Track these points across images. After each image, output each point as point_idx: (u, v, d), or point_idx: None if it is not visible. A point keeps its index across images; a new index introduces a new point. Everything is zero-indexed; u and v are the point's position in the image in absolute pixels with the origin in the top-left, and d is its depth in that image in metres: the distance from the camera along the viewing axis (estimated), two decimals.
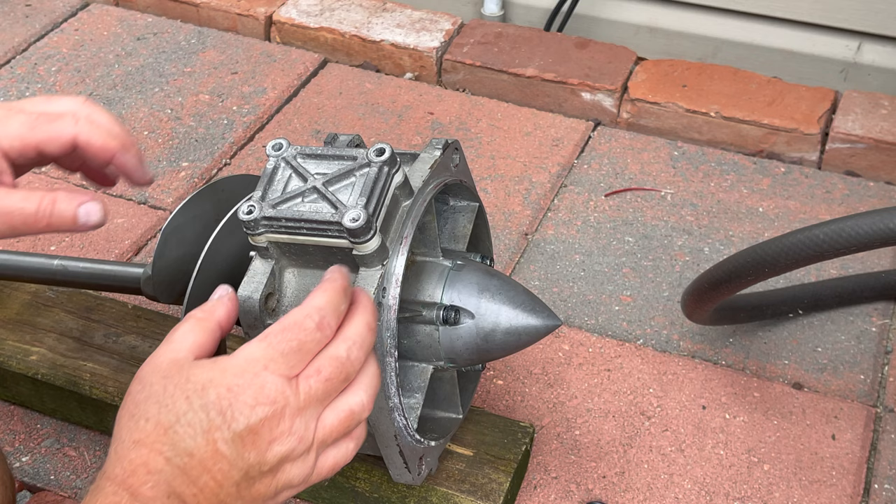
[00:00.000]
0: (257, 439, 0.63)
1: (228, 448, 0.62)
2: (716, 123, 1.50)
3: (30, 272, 1.07)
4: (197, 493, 0.62)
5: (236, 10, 1.75)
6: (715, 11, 1.65)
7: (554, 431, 1.10)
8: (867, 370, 1.16)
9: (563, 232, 1.36)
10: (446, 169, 0.89)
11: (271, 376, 0.64)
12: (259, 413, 0.63)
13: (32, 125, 0.74)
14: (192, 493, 0.62)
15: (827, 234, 0.87)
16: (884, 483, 1.05)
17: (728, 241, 1.34)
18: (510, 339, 0.87)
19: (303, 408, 0.65)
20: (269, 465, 0.64)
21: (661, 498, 1.03)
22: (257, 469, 0.64)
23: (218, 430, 0.62)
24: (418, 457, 0.89)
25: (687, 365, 1.17)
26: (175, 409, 0.63)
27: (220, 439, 0.62)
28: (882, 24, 1.55)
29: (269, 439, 0.63)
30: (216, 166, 1.48)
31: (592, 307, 1.25)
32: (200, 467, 0.62)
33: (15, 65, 1.69)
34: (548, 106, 1.59)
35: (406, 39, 1.66)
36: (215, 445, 0.62)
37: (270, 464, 0.64)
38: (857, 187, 1.42)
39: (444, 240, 0.96)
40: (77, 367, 1.08)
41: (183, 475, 0.62)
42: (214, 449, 0.62)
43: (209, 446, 0.62)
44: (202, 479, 0.62)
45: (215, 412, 0.62)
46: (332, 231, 0.76)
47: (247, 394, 0.63)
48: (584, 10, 1.72)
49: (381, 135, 1.52)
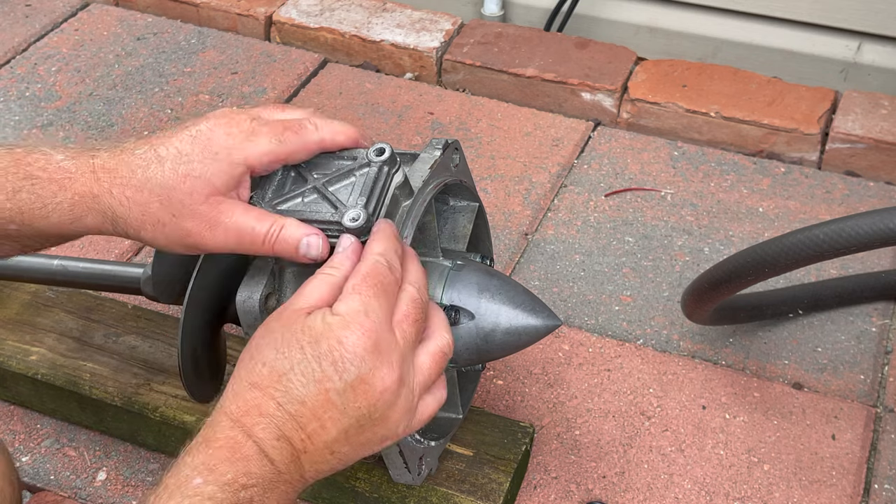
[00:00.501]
0: (368, 389, 0.66)
1: (339, 398, 0.66)
2: (716, 123, 1.50)
3: (30, 272, 1.07)
4: (305, 439, 0.66)
5: (236, 10, 1.75)
6: (715, 11, 1.65)
7: (554, 431, 1.10)
8: (867, 370, 1.16)
9: (563, 232, 1.36)
10: (446, 169, 0.89)
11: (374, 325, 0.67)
12: (368, 362, 0.66)
13: (281, 139, 0.76)
14: (300, 437, 0.66)
15: (827, 234, 0.87)
16: (884, 483, 1.05)
17: (728, 241, 1.34)
18: (510, 339, 0.87)
19: (404, 353, 0.68)
20: (379, 412, 0.67)
21: (661, 498, 1.03)
22: (368, 417, 0.67)
23: (329, 381, 0.66)
24: (418, 457, 0.89)
25: (687, 365, 1.17)
26: (290, 357, 0.66)
27: (331, 389, 0.65)
28: (882, 24, 1.55)
29: (380, 389, 0.66)
30: None
31: (592, 307, 1.25)
32: (310, 415, 0.65)
33: (15, 65, 1.69)
34: (548, 106, 1.59)
35: (406, 39, 1.66)
36: (327, 395, 0.65)
37: (381, 411, 0.67)
38: (857, 187, 1.42)
39: (444, 240, 0.96)
40: (77, 367, 1.08)
41: (293, 421, 0.65)
42: (326, 398, 0.65)
43: (320, 396, 0.65)
44: (311, 425, 0.66)
45: (328, 363, 0.66)
46: (333, 230, 0.76)
47: (357, 346, 0.66)
48: (584, 10, 1.72)
49: (381, 135, 1.52)
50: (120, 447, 1.10)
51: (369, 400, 0.66)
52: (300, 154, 0.78)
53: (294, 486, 0.67)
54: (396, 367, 0.67)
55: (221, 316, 0.89)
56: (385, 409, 0.67)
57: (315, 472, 0.68)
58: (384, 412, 0.67)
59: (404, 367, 0.68)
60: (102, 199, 0.73)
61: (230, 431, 0.65)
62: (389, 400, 0.67)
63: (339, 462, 0.69)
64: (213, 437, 0.65)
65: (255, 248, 0.75)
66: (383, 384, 0.67)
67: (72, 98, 1.61)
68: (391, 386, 0.67)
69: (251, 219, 0.74)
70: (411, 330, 0.70)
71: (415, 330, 0.70)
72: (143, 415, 1.04)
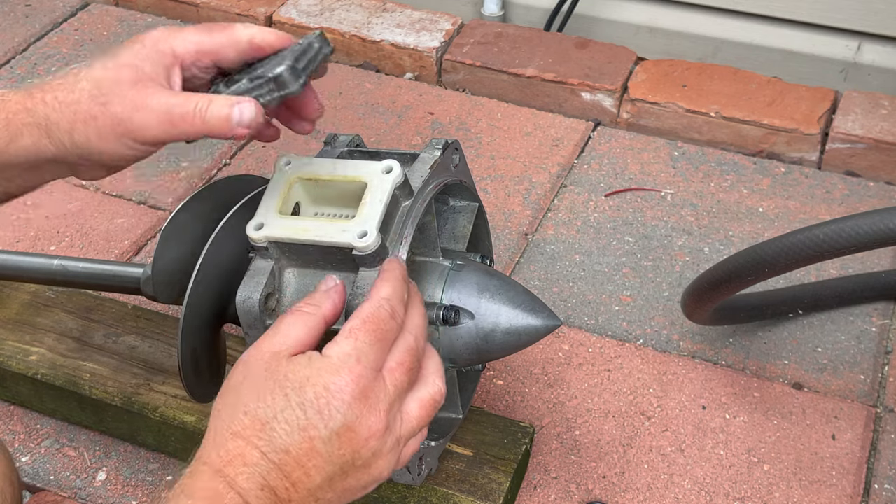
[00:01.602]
0: (354, 437, 0.65)
1: (324, 446, 0.64)
2: (716, 123, 1.50)
3: (30, 272, 1.07)
4: (289, 487, 0.64)
5: (236, 10, 1.75)
6: (715, 11, 1.65)
7: (554, 431, 1.10)
8: (867, 370, 1.16)
9: (563, 232, 1.36)
10: (446, 169, 0.89)
11: (365, 372, 0.66)
12: (355, 411, 0.65)
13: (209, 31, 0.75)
14: (284, 486, 0.64)
15: (827, 234, 0.87)
16: (884, 483, 1.05)
17: (728, 241, 1.34)
18: (510, 340, 0.87)
19: (392, 402, 0.67)
20: (362, 460, 0.66)
21: (661, 498, 1.03)
22: (351, 465, 0.66)
23: (315, 429, 0.64)
24: (418, 457, 0.89)
25: (687, 365, 1.17)
26: (273, 405, 0.65)
27: (316, 437, 0.64)
28: (882, 24, 1.55)
29: (365, 436, 0.65)
30: (216, 166, 1.48)
31: (592, 307, 1.25)
32: (295, 463, 0.64)
33: (15, 65, 1.69)
34: (548, 106, 1.59)
35: (406, 39, 1.66)
36: (312, 443, 0.64)
37: (364, 459, 0.66)
38: (857, 187, 1.42)
39: (444, 240, 0.96)
40: (77, 367, 1.08)
41: (277, 470, 0.64)
42: (311, 447, 0.64)
43: (305, 444, 0.64)
44: (295, 474, 0.64)
45: (313, 411, 0.64)
46: (267, 93, 0.75)
47: (344, 392, 0.65)
48: (584, 10, 1.72)
49: (381, 135, 1.52)
50: (120, 447, 1.10)
51: (354, 447, 0.65)
52: (228, 50, 0.76)
53: None
54: (384, 415, 0.66)
55: (221, 316, 0.89)
56: (369, 456, 0.66)
57: None
58: (368, 459, 0.66)
59: (391, 414, 0.67)
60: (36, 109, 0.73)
61: (211, 482, 0.63)
62: (375, 447, 0.66)
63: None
64: (194, 488, 0.63)
65: (186, 127, 0.72)
66: (369, 432, 0.65)
67: None
68: (377, 433, 0.66)
69: (179, 98, 0.72)
70: (403, 378, 0.68)
71: (407, 379, 0.68)
72: (142, 415, 1.04)
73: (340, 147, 0.90)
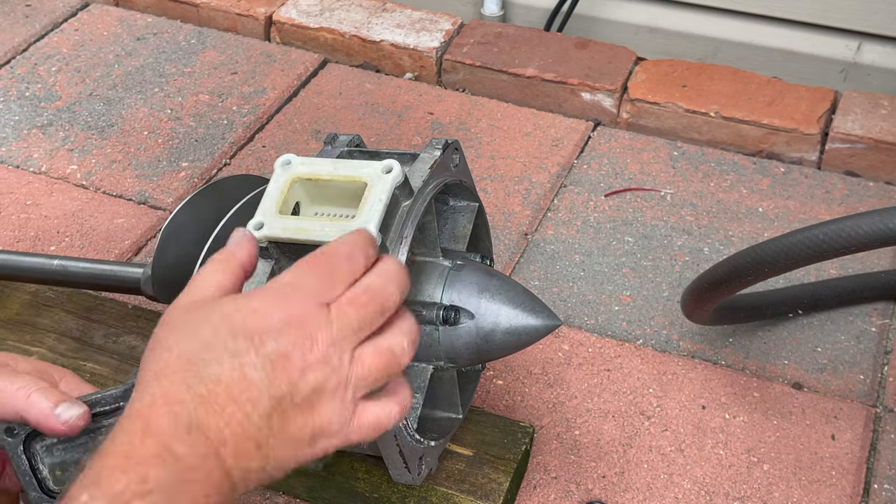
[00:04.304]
0: (288, 364, 0.58)
1: (257, 373, 0.57)
2: (716, 123, 1.50)
3: (30, 272, 1.07)
4: (223, 427, 0.56)
5: (236, 10, 1.75)
6: (715, 11, 1.65)
7: (554, 431, 1.10)
8: (867, 370, 1.16)
9: (563, 232, 1.36)
10: (446, 169, 0.89)
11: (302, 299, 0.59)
12: (289, 336, 0.58)
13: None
14: (215, 425, 0.56)
15: (827, 234, 0.87)
16: (883, 483, 1.05)
17: (728, 241, 1.34)
18: (510, 339, 0.87)
19: (336, 336, 0.59)
20: (301, 395, 0.58)
21: (660, 498, 1.03)
22: (289, 399, 0.58)
23: (246, 355, 0.57)
24: (418, 457, 0.89)
25: (687, 365, 1.17)
26: (199, 336, 0.58)
27: (247, 363, 0.57)
28: (882, 24, 1.55)
29: (300, 366, 0.58)
30: (216, 166, 1.48)
31: (592, 307, 1.25)
32: (226, 395, 0.57)
33: (15, 65, 1.69)
34: (548, 106, 1.59)
35: (406, 39, 1.66)
36: (242, 370, 0.57)
37: (303, 394, 0.58)
38: (857, 187, 1.42)
39: (444, 240, 0.96)
40: (77, 368, 1.08)
41: (206, 404, 0.56)
42: (242, 374, 0.57)
43: (235, 372, 0.57)
44: (228, 409, 0.56)
45: (242, 336, 0.58)
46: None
47: (275, 316, 0.58)
48: (584, 10, 1.72)
49: (381, 135, 1.52)
50: None
51: (290, 377, 0.58)
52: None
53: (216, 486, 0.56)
54: (323, 346, 0.58)
55: None
56: (309, 392, 0.58)
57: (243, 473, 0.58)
58: (309, 396, 0.58)
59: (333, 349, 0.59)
60: None
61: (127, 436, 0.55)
62: (314, 382, 0.58)
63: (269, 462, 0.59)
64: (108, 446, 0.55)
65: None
66: (304, 361, 0.58)
67: (72, 98, 1.61)
68: (314, 364, 0.58)
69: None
70: (353, 314, 0.60)
71: (358, 315, 0.60)
72: None
73: (340, 147, 0.90)
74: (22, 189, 1.44)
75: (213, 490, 0.56)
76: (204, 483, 0.55)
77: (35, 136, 1.54)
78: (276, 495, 1.03)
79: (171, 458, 0.54)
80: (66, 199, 1.42)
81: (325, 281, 0.61)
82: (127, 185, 1.45)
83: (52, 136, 1.54)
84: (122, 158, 1.49)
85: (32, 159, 1.49)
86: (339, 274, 0.61)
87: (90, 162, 1.49)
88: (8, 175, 1.47)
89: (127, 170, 1.47)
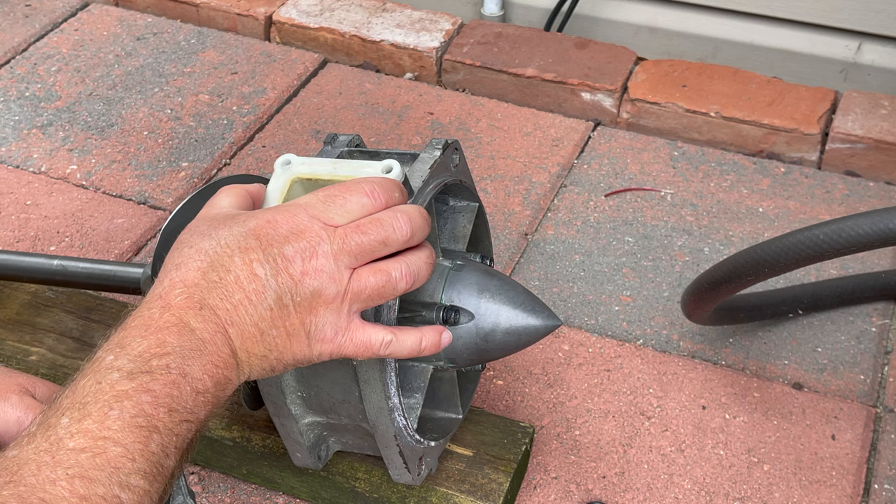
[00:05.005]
0: (290, 266, 0.65)
1: (262, 269, 0.65)
2: (716, 123, 1.50)
3: (30, 272, 1.07)
4: (230, 309, 0.64)
5: (236, 10, 1.75)
6: (715, 11, 1.65)
7: (554, 431, 1.10)
8: (867, 370, 1.16)
9: (563, 232, 1.36)
10: (446, 169, 0.89)
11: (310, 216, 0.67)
12: (293, 243, 0.66)
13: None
14: (225, 307, 0.64)
15: (827, 234, 0.87)
16: (884, 483, 1.05)
17: (728, 241, 1.34)
18: (510, 340, 0.87)
19: (337, 253, 0.67)
20: (301, 295, 0.66)
21: (660, 498, 1.03)
22: (290, 297, 0.65)
23: (254, 252, 0.65)
24: (418, 457, 0.89)
25: (687, 365, 1.17)
26: (216, 236, 0.66)
27: (255, 260, 0.65)
28: (882, 24, 1.55)
29: (301, 270, 0.66)
30: (216, 166, 1.48)
31: (592, 307, 1.25)
32: (235, 284, 0.64)
33: (15, 65, 1.69)
34: (548, 106, 1.59)
35: (406, 39, 1.66)
36: (251, 266, 0.65)
37: (303, 294, 0.66)
38: (857, 187, 1.42)
39: (444, 240, 0.96)
40: (77, 368, 1.08)
41: (217, 289, 0.64)
42: (250, 269, 0.65)
43: (245, 266, 0.65)
44: (236, 295, 0.64)
45: (252, 237, 0.66)
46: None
47: (283, 226, 0.66)
48: (584, 10, 1.72)
49: (381, 135, 1.52)
50: None
51: (293, 277, 0.65)
52: None
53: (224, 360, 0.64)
54: (322, 257, 0.66)
55: None
56: (309, 295, 0.66)
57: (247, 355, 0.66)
58: (308, 298, 0.66)
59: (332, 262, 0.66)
60: None
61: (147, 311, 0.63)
62: (315, 286, 0.66)
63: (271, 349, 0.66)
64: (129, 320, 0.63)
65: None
66: (304, 267, 0.65)
67: (72, 98, 1.61)
68: (312, 272, 0.66)
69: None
70: (356, 237, 0.67)
71: (360, 240, 0.67)
72: None
73: (340, 147, 0.90)
74: (22, 189, 1.44)
75: (221, 363, 0.63)
76: (213, 355, 0.63)
77: (35, 136, 1.54)
78: (276, 495, 1.03)
79: (186, 330, 0.62)
80: (66, 199, 1.42)
81: (337, 210, 0.68)
82: (127, 185, 1.45)
83: (52, 136, 1.54)
84: (122, 158, 1.49)
85: (32, 159, 1.49)
86: (352, 206, 0.68)
87: (90, 162, 1.49)
88: (8, 175, 1.47)
89: (127, 170, 1.47)
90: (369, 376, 0.81)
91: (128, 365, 0.60)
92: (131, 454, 0.57)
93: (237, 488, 1.04)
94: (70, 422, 0.57)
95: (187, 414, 0.60)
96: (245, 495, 1.04)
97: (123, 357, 0.60)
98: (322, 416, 0.89)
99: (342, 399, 0.85)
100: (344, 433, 0.92)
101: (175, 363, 0.61)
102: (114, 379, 0.59)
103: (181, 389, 0.60)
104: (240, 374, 0.66)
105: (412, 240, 0.70)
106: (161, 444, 0.58)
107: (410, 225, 0.70)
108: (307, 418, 0.89)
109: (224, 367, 0.64)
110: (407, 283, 0.70)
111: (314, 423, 0.90)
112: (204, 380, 0.62)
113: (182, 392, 0.60)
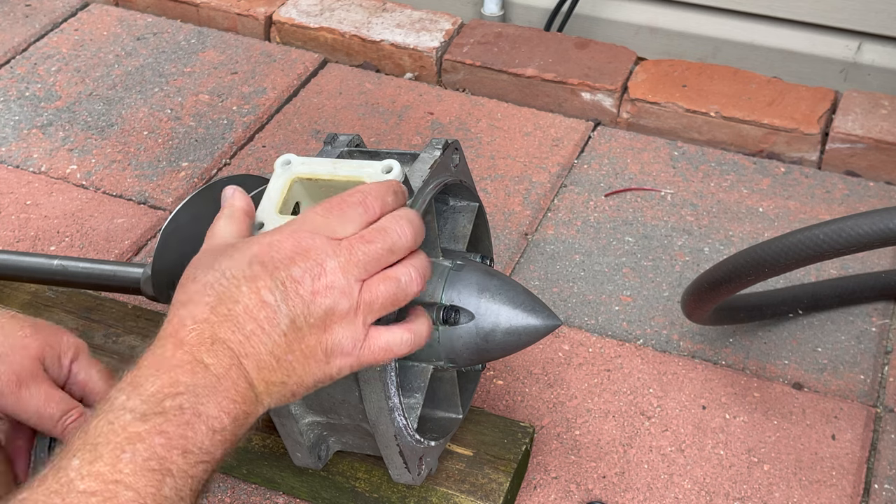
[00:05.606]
0: (300, 288, 0.64)
1: (272, 295, 0.64)
2: (716, 123, 1.50)
3: (30, 272, 1.07)
4: (243, 341, 0.63)
5: (236, 10, 1.75)
6: (715, 11, 1.65)
7: (554, 431, 1.10)
8: (867, 370, 1.16)
9: (563, 232, 1.36)
10: (446, 169, 0.89)
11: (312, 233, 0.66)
12: (300, 263, 0.65)
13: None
14: (237, 339, 0.63)
15: (827, 234, 0.87)
16: (884, 483, 1.05)
17: (728, 241, 1.34)
18: (510, 339, 0.87)
19: (345, 266, 0.66)
20: (315, 315, 0.65)
21: (661, 498, 1.03)
22: (303, 319, 0.65)
23: (260, 279, 0.64)
24: (418, 457, 0.89)
25: (687, 365, 1.17)
26: (220, 268, 0.65)
27: (263, 287, 0.64)
28: (882, 24, 1.55)
29: (311, 290, 0.65)
30: (216, 166, 1.48)
31: (592, 307, 1.25)
32: (245, 314, 0.63)
33: (15, 65, 1.69)
34: (548, 106, 1.59)
35: (406, 39, 1.66)
36: (259, 294, 0.64)
37: (316, 314, 0.65)
38: (857, 187, 1.42)
39: (444, 240, 0.96)
40: None
41: (227, 322, 0.63)
42: (259, 297, 0.64)
43: (253, 294, 0.64)
44: (248, 326, 0.63)
45: (257, 263, 0.65)
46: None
47: (287, 247, 0.65)
48: (584, 10, 1.72)
49: (381, 135, 1.52)
50: None
51: (303, 299, 0.64)
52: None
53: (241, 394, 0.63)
54: (331, 273, 0.65)
55: None
56: (322, 314, 0.65)
57: (265, 384, 0.65)
58: (322, 318, 0.65)
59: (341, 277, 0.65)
60: None
61: (160, 349, 0.63)
62: (327, 305, 0.65)
63: (290, 375, 0.65)
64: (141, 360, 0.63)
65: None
66: (314, 286, 0.64)
67: (72, 98, 1.61)
68: (323, 290, 0.65)
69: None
70: (362, 248, 0.67)
71: (366, 250, 0.67)
72: None
73: (340, 147, 0.90)
74: (22, 189, 1.44)
75: (238, 398, 0.63)
76: (229, 390, 0.62)
77: (35, 135, 1.54)
78: (276, 495, 1.03)
79: (200, 367, 0.61)
80: (66, 199, 1.42)
81: (337, 223, 0.67)
82: (127, 185, 1.45)
83: (52, 135, 1.54)
84: (122, 158, 1.49)
85: (32, 159, 1.49)
86: (351, 217, 0.68)
87: (90, 162, 1.49)
88: (8, 175, 1.47)
89: (127, 170, 1.47)
90: (369, 376, 0.81)
91: (140, 406, 0.59)
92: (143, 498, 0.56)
93: (237, 488, 1.04)
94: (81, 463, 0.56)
95: (203, 455, 0.60)
96: (245, 495, 1.04)
97: (136, 397, 0.60)
98: (322, 416, 0.89)
99: (342, 399, 0.85)
100: (344, 433, 0.92)
101: (189, 402, 0.60)
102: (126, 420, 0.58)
103: (195, 430, 0.60)
104: (259, 406, 0.65)
105: (415, 244, 0.70)
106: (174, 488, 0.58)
107: (413, 229, 0.70)
108: (307, 418, 0.89)
109: (242, 401, 0.63)
110: (417, 287, 0.70)
111: (314, 422, 0.90)
112: (220, 417, 0.61)
113: (197, 432, 0.60)
